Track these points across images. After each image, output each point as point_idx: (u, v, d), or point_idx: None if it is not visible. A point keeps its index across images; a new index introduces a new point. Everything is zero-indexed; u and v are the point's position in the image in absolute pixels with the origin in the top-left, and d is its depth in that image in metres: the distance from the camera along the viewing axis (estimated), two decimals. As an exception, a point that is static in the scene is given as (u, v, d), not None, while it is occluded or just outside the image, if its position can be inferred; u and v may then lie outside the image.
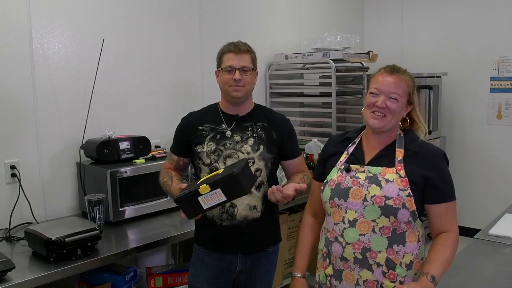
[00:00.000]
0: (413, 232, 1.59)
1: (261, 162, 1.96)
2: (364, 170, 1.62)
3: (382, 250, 1.56)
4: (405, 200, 1.54)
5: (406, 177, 1.56)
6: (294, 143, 2.10)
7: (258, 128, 1.99)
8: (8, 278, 1.80)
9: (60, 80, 2.64)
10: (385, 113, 1.60)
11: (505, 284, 1.79)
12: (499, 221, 2.44)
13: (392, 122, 1.62)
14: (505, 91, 4.36)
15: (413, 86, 1.65)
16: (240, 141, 1.95)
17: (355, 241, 1.58)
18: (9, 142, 2.45)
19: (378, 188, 1.57)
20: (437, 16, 4.65)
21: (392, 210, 1.54)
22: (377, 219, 1.56)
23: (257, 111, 2.05)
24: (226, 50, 1.97)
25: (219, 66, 1.99)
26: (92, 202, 2.33)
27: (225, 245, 1.97)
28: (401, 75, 1.62)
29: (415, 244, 1.59)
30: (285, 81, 3.99)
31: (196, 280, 2.03)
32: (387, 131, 1.64)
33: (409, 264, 1.58)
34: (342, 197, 1.62)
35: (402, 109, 1.64)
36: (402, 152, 1.62)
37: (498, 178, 4.44)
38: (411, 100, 1.65)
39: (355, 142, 1.73)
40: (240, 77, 1.92)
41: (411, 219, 1.57)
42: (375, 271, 1.57)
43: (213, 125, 1.99)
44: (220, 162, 1.94)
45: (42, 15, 2.55)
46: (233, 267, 1.99)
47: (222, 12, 3.52)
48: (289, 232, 3.22)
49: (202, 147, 1.96)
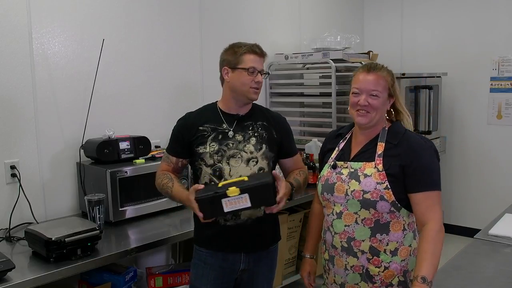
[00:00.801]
0: (398, 221, 1.69)
1: (264, 161, 1.96)
2: (347, 166, 1.75)
3: (365, 239, 1.69)
4: (383, 193, 1.64)
5: (384, 171, 1.65)
6: (292, 141, 2.13)
7: (259, 128, 1.99)
8: (8, 278, 1.80)
9: (60, 80, 2.64)
10: (369, 110, 1.70)
11: (505, 284, 1.79)
12: (499, 221, 2.43)
13: (377, 117, 1.72)
14: (505, 91, 4.35)
15: (391, 80, 1.74)
16: (242, 141, 1.95)
17: (341, 231, 1.73)
18: (9, 142, 2.45)
19: (357, 183, 1.68)
20: (437, 16, 4.64)
21: (370, 203, 1.66)
22: (358, 211, 1.69)
23: (255, 110, 2.05)
24: (249, 50, 1.93)
25: (236, 64, 1.93)
26: (92, 202, 2.33)
27: (229, 244, 1.96)
28: (378, 71, 1.71)
29: (399, 232, 1.69)
30: (285, 81, 3.99)
31: (200, 282, 2.01)
32: (373, 126, 1.74)
33: (394, 250, 1.69)
34: (329, 192, 1.76)
35: (385, 103, 1.74)
36: (383, 145, 1.71)
37: (498, 178, 4.44)
38: (391, 93, 1.74)
39: (346, 138, 1.85)
40: (262, 80, 1.95)
41: (393, 209, 1.66)
42: (360, 258, 1.70)
43: (213, 125, 1.97)
44: (224, 162, 1.93)
45: (42, 15, 2.55)
46: (236, 266, 1.98)
47: (222, 12, 3.52)
48: (289, 232, 3.22)
49: (204, 148, 1.94)
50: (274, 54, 3.92)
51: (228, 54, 1.97)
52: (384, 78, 1.71)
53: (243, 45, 1.95)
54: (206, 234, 1.99)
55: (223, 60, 1.99)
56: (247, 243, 1.97)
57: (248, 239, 1.96)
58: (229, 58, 1.95)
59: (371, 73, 1.70)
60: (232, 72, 1.94)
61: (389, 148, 1.70)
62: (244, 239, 1.95)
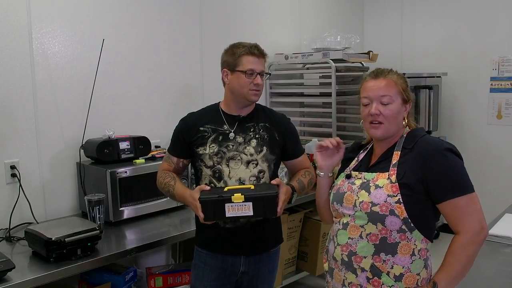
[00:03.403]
0: (408, 244, 1.51)
1: (264, 163, 1.94)
2: (361, 177, 1.61)
3: (367, 256, 1.53)
4: (394, 207, 1.48)
5: (397, 182, 1.50)
6: (297, 142, 2.10)
7: (261, 129, 1.97)
8: (8, 278, 1.80)
9: (60, 80, 2.64)
10: (381, 120, 1.55)
11: (505, 284, 1.79)
12: (499, 221, 2.44)
13: (392, 128, 1.58)
14: (505, 91, 4.35)
15: (403, 83, 1.59)
16: (242, 143, 1.94)
17: (344, 243, 1.58)
18: (9, 142, 2.45)
19: (367, 194, 1.54)
20: (437, 16, 4.64)
21: (378, 217, 1.50)
22: (365, 225, 1.53)
23: (258, 111, 2.03)
24: (247, 52, 1.91)
25: (234, 66, 1.91)
26: (92, 202, 2.33)
27: (228, 247, 1.96)
28: (387, 75, 1.57)
29: (407, 257, 1.51)
30: (285, 81, 3.99)
31: (200, 283, 2.01)
32: (390, 137, 1.60)
33: (399, 276, 1.51)
34: (339, 202, 1.63)
35: (400, 111, 1.58)
36: (398, 154, 1.56)
37: (498, 178, 4.43)
38: (406, 98, 1.59)
39: (367, 148, 1.72)
40: (261, 82, 1.92)
41: (404, 228, 1.49)
42: (359, 276, 1.55)
43: (214, 126, 1.96)
44: (223, 164, 1.92)
45: (42, 15, 2.55)
46: (236, 268, 1.98)
47: (222, 12, 3.52)
48: (289, 232, 3.22)
49: (204, 149, 1.94)
50: (274, 54, 3.91)
51: (227, 56, 1.95)
52: (394, 81, 1.56)
53: (241, 46, 1.93)
54: (207, 235, 1.99)
55: (223, 61, 1.97)
56: (247, 246, 1.96)
57: (248, 242, 1.95)
58: (228, 59, 1.94)
59: (378, 78, 1.57)
60: (231, 74, 1.93)
61: (404, 155, 1.55)
62: (243, 242, 1.95)
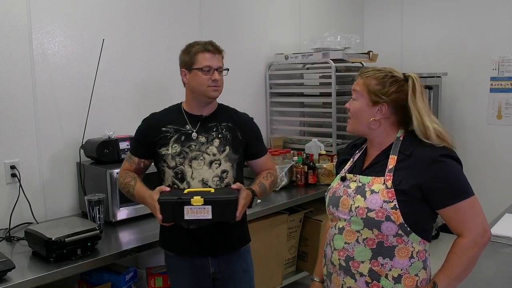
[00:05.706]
0: (405, 247, 1.51)
1: (227, 163, 1.94)
2: (356, 180, 1.59)
3: (365, 260, 1.53)
4: (390, 213, 1.47)
5: (393, 188, 1.48)
6: (260, 142, 2.09)
7: (223, 129, 1.96)
8: (8, 278, 1.80)
9: (60, 80, 2.64)
10: (349, 115, 1.61)
11: (505, 284, 1.79)
12: (499, 221, 2.44)
13: (356, 125, 1.59)
14: (505, 91, 4.35)
15: (376, 84, 1.54)
16: (205, 143, 1.93)
17: (340, 248, 1.57)
18: (9, 142, 2.45)
19: (362, 199, 1.52)
20: (437, 16, 4.64)
21: (374, 222, 1.49)
22: (361, 230, 1.53)
23: (221, 111, 2.02)
24: (202, 49, 1.92)
25: (191, 65, 1.92)
26: (92, 202, 2.33)
27: (194, 249, 1.94)
28: (363, 76, 1.58)
29: (405, 260, 1.51)
30: (285, 81, 3.98)
31: (176, 285, 2.01)
32: (361, 134, 1.63)
33: (397, 277, 1.52)
34: (334, 206, 1.62)
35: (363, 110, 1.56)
36: (395, 159, 1.54)
37: (498, 178, 4.43)
38: (376, 100, 1.54)
39: (362, 148, 1.70)
40: (219, 77, 1.92)
41: (401, 233, 1.49)
42: (358, 280, 1.54)
43: (177, 126, 1.95)
44: (186, 164, 1.91)
45: (42, 15, 2.55)
46: (206, 270, 1.96)
47: (222, 12, 3.51)
48: (289, 232, 3.21)
49: (166, 149, 1.93)
50: (274, 54, 3.92)
51: (184, 55, 1.96)
52: (364, 82, 1.56)
53: (196, 44, 1.94)
54: (170, 237, 1.98)
55: (180, 62, 1.98)
56: (212, 247, 1.94)
57: (213, 242, 1.93)
58: (185, 59, 1.95)
59: (359, 77, 1.61)
60: (189, 74, 1.94)
61: (401, 160, 1.52)
62: (208, 242, 1.92)
